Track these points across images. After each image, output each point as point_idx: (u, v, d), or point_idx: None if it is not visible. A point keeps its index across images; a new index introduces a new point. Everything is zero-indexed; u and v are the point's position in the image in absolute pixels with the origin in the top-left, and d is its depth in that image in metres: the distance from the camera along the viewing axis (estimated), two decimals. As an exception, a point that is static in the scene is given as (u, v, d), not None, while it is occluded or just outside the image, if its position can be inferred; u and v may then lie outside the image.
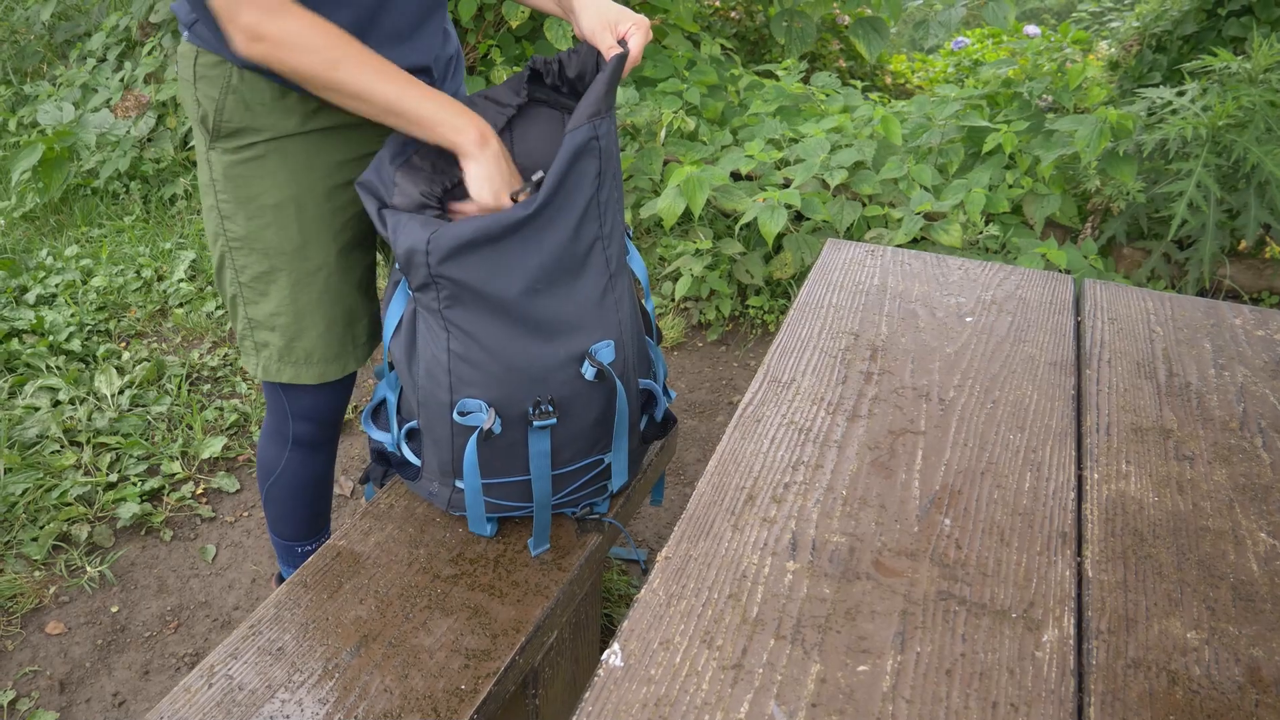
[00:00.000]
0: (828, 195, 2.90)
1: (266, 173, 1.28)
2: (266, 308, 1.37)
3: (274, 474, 1.59)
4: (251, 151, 1.28)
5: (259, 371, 1.42)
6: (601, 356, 1.23)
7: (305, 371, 1.41)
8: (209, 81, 1.25)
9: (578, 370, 1.22)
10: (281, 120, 1.27)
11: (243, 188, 1.30)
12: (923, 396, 1.23)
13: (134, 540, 2.21)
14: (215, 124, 1.27)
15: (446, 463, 1.32)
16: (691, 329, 3.04)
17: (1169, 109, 2.69)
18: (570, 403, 1.24)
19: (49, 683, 1.86)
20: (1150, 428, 1.19)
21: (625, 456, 1.37)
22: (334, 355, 1.41)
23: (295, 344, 1.38)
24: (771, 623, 0.90)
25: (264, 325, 1.38)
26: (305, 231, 1.32)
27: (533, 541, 1.35)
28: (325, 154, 1.32)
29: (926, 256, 1.59)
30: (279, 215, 1.31)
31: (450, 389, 1.24)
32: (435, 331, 1.22)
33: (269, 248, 1.33)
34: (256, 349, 1.41)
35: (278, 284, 1.35)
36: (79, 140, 3.87)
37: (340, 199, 1.35)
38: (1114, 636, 0.91)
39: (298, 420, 1.51)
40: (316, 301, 1.36)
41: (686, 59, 3.59)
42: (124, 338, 2.98)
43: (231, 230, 1.33)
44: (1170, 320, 1.42)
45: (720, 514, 1.03)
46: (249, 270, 1.35)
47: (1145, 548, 1.01)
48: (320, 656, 1.20)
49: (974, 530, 1.02)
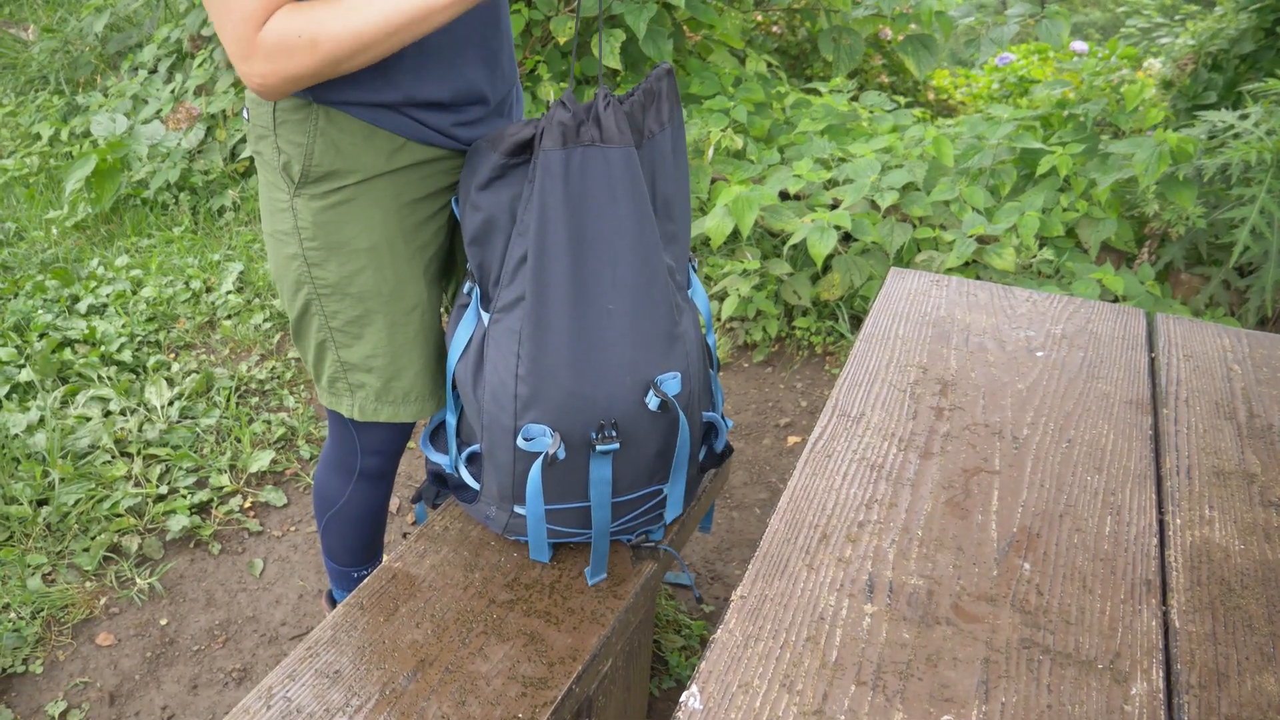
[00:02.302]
0: (878, 216, 2.87)
1: (358, 215, 1.27)
2: (362, 350, 1.34)
3: (336, 505, 1.58)
4: (341, 195, 1.26)
5: (355, 412, 1.39)
6: (667, 388, 1.22)
7: (404, 410, 1.38)
8: (292, 127, 1.23)
9: (642, 399, 1.21)
10: (371, 160, 1.25)
11: (335, 233, 1.27)
12: (995, 434, 1.20)
13: (183, 553, 2.22)
14: (304, 170, 1.24)
15: (507, 487, 1.31)
16: (737, 349, 3.02)
17: (1231, 132, 2.64)
18: (633, 432, 1.23)
19: (99, 695, 1.87)
20: (1233, 471, 1.16)
21: (683, 488, 1.35)
22: (430, 392, 1.40)
23: (393, 384, 1.37)
24: (851, 667, 0.88)
25: (360, 368, 1.36)
26: (399, 272, 1.31)
27: (590, 570, 1.34)
28: (408, 191, 1.30)
29: (993, 287, 1.56)
30: (373, 258, 1.29)
31: (515, 414, 1.23)
32: (505, 357, 1.21)
33: (364, 292, 1.30)
34: (351, 390, 1.38)
35: (374, 326, 1.33)
36: (131, 151, 3.93)
37: (424, 235, 1.34)
38: (1205, 692, 0.88)
39: (368, 455, 1.50)
40: (413, 341, 1.35)
41: (733, 76, 3.58)
42: (173, 349, 3.02)
43: (322, 278, 1.30)
44: (1248, 358, 1.38)
45: (795, 553, 1.01)
46: (341, 316, 1.32)
47: (1234, 598, 0.98)
48: (377, 681, 1.19)
49: (1054, 575, 0.99)
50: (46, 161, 4.39)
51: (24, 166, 4.33)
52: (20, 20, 5.81)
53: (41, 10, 5.72)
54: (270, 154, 1.27)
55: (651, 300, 1.21)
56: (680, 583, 2.08)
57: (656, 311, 1.21)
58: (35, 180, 4.26)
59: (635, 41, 3.50)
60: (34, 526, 2.21)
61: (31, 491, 2.28)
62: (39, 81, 5.14)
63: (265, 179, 1.31)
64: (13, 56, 5.33)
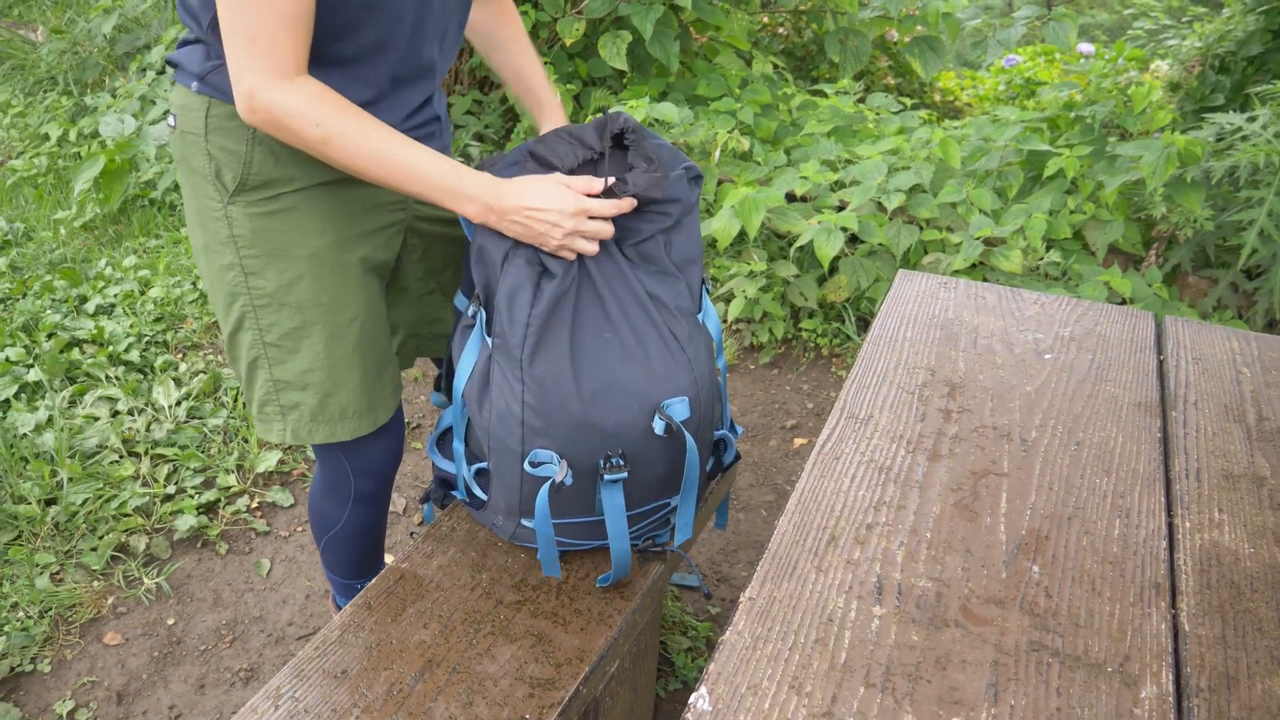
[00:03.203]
0: (884, 218, 2.87)
1: (298, 223, 1.24)
2: (297, 366, 1.30)
3: (333, 529, 1.56)
4: (280, 203, 1.23)
5: (288, 436, 1.34)
6: (675, 412, 1.20)
7: (341, 428, 1.34)
8: (227, 134, 1.20)
9: (649, 425, 1.20)
10: (311, 168, 1.23)
11: (274, 239, 1.24)
12: (1004, 436, 1.20)
13: (190, 552, 2.23)
14: (241, 178, 1.21)
15: (514, 504, 1.31)
16: (743, 351, 3.02)
17: (1239, 135, 2.63)
18: (641, 456, 1.23)
19: (106, 694, 1.88)
20: (1242, 474, 1.15)
21: (693, 509, 1.34)
22: (367, 408, 1.36)
23: (330, 400, 1.32)
24: (860, 670, 0.88)
25: (294, 385, 1.31)
26: (340, 282, 1.28)
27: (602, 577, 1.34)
28: (355, 199, 1.29)
29: (1001, 290, 1.56)
30: (313, 266, 1.26)
31: (522, 440, 1.22)
32: (511, 384, 1.20)
33: (302, 301, 1.27)
34: (284, 413, 1.33)
35: (311, 339, 1.29)
36: (139, 152, 3.94)
37: (368, 246, 1.32)
38: (1215, 695, 0.88)
39: (360, 478, 1.48)
40: (351, 354, 1.32)
41: (739, 77, 3.58)
42: (181, 349, 3.02)
43: (258, 287, 1.26)
44: (1257, 360, 1.38)
45: (803, 555, 1.01)
46: (277, 328, 1.28)
47: (1243, 602, 0.98)
48: (384, 681, 1.19)
49: (1063, 578, 0.99)
50: (55, 162, 4.40)
51: (32, 167, 4.35)
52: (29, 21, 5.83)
53: (50, 11, 5.74)
54: (200, 161, 1.23)
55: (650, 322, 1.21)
56: (687, 584, 2.08)
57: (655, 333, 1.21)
58: (44, 181, 4.27)
59: (642, 43, 3.50)
60: (42, 526, 2.22)
61: (40, 491, 2.29)
62: (47, 82, 5.15)
63: (193, 187, 1.26)
64: (21, 57, 5.35)
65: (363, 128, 1.11)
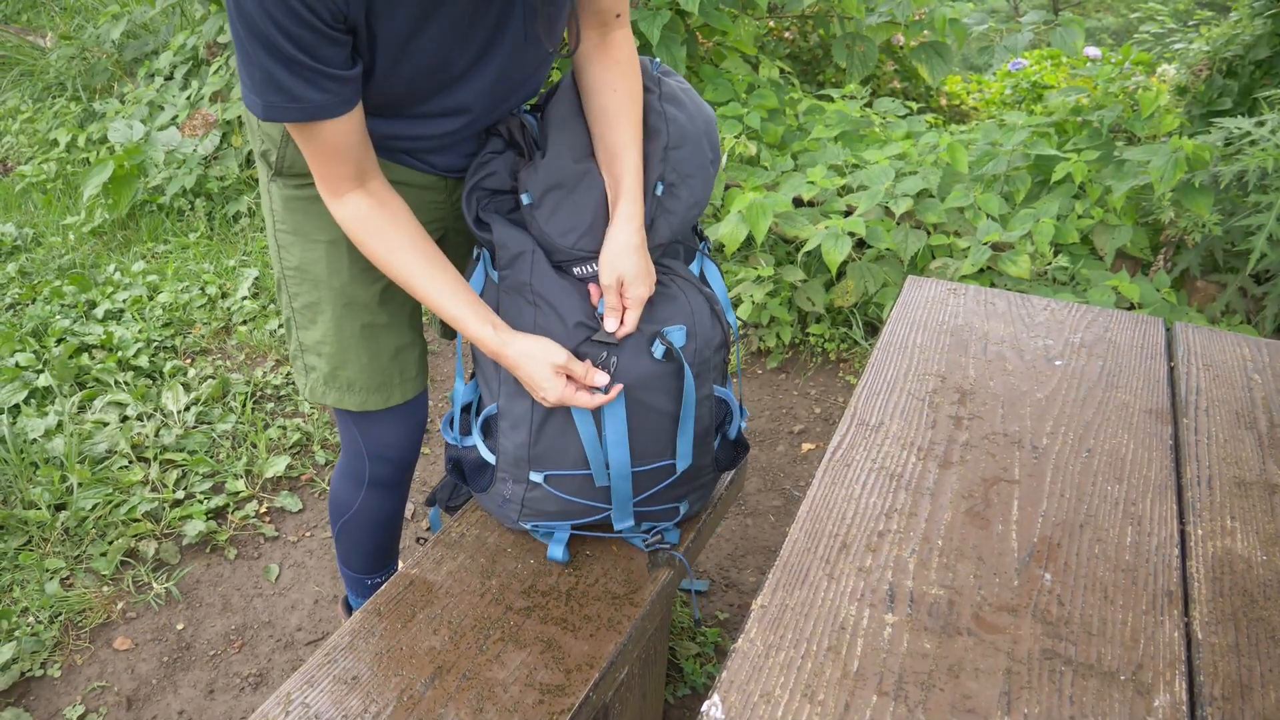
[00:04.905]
0: (892, 223, 2.87)
1: (321, 212, 1.31)
2: (315, 335, 1.41)
3: (348, 514, 1.60)
4: (309, 191, 1.31)
5: (306, 392, 1.45)
6: (673, 338, 1.26)
7: (349, 398, 1.43)
8: (271, 124, 1.28)
9: (647, 347, 1.26)
10: None
11: (299, 221, 1.34)
12: (1015, 443, 1.20)
13: (199, 558, 2.23)
14: (277, 163, 1.31)
15: (523, 446, 1.33)
16: (751, 356, 3.02)
17: (1247, 139, 2.63)
18: (642, 387, 1.26)
19: (116, 699, 1.88)
20: (1254, 482, 1.15)
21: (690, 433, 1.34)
22: (376, 386, 1.44)
23: (339, 372, 1.42)
24: (873, 678, 0.88)
25: (312, 350, 1.42)
26: (353, 269, 1.36)
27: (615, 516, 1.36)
28: None
29: (1011, 296, 1.56)
30: (330, 251, 1.35)
31: None
32: (521, 307, 1.27)
33: (318, 280, 1.37)
34: (305, 371, 1.45)
35: (324, 314, 1.39)
36: (147, 158, 3.96)
37: None
38: (1229, 704, 0.88)
39: (375, 461, 1.52)
40: (357, 338, 1.40)
41: (746, 82, 3.59)
42: (189, 354, 3.03)
43: (286, 259, 1.38)
44: (1268, 367, 1.38)
45: (815, 562, 1.01)
46: (300, 298, 1.40)
47: (1256, 610, 0.98)
48: (395, 687, 1.20)
49: (1076, 586, 0.99)
50: (64, 168, 4.42)
51: (41, 173, 4.36)
52: (38, 27, 5.86)
53: (59, 17, 5.77)
54: (257, 140, 1.34)
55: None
56: (696, 589, 2.08)
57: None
58: (53, 186, 4.29)
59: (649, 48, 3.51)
60: (52, 531, 2.23)
61: (50, 496, 2.30)
62: (56, 88, 5.17)
63: (258, 157, 1.38)
64: (30, 63, 5.37)
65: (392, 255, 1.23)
